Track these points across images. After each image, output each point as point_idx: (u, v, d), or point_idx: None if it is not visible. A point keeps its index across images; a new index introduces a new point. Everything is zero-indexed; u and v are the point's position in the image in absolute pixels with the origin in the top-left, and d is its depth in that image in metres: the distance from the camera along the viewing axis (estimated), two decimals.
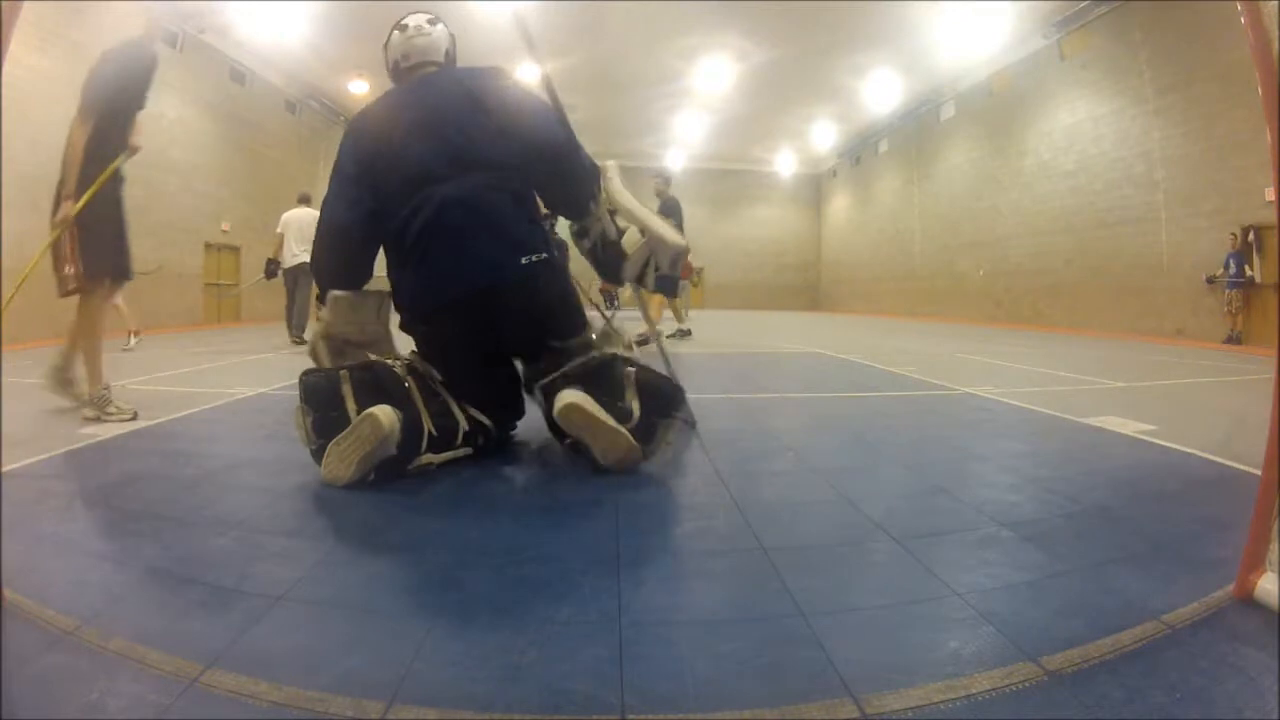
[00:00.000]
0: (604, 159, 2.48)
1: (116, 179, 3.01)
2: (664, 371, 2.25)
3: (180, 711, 0.91)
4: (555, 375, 2.13)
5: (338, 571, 1.40)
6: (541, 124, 2.21)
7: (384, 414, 1.88)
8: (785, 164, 24.82)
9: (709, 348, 7.21)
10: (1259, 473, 1.22)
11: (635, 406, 2.03)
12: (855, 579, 1.39)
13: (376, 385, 2.02)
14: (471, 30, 11.95)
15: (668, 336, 7.40)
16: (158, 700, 0.92)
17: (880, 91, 16.65)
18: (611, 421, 1.97)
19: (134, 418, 2.87)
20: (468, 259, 2.07)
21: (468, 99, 2.18)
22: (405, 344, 2.35)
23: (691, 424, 2.46)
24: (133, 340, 6.78)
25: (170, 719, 0.89)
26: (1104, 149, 11.47)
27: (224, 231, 12.63)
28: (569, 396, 1.97)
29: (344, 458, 1.88)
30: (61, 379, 3.06)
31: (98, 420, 2.83)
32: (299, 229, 7.55)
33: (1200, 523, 1.70)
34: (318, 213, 7.44)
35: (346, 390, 1.99)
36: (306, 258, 7.23)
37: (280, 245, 7.81)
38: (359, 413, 1.90)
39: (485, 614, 1.21)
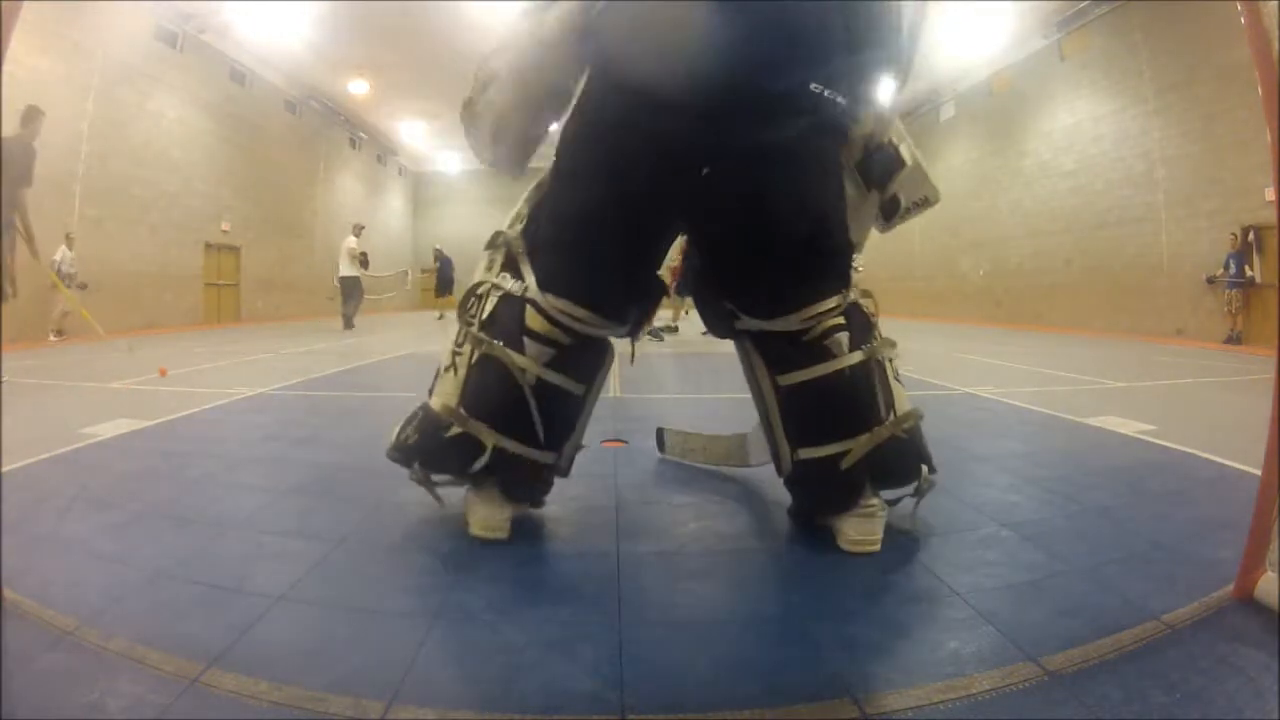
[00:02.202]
0: None
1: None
2: None
3: (180, 711, 0.91)
4: (840, 472, 1.49)
5: (338, 571, 1.40)
6: None
7: (485, 528, 1.56)
8: None
9: (711, 347, 7.20)
10: (1259, 473, 1.22)
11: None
12: (855, 579, 1.39)
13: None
14: (470, 30, 11.95)
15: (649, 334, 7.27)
16: (158, 700, 0.92)
17: (880, 91, 16.63)
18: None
19: None
20: (744, 35, 1.27)
21: None
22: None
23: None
24: (52, 336, 7.98)
25: (170, 719, 0.89)
26: (1104, 149, 11.45)
27: (224, 231, 12.63)
28: (869, 537, 1.49)
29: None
30: None
31: None
32: (346, 251, 10.77)
33: (1200, 523, 1.70)
34: (355, 241, 9.92)
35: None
36: (350, 272, 10.72)
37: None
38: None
39: (485, 614, 1.21)
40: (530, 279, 1.51)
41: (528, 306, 1.49)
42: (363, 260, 10.98)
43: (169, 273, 11.05)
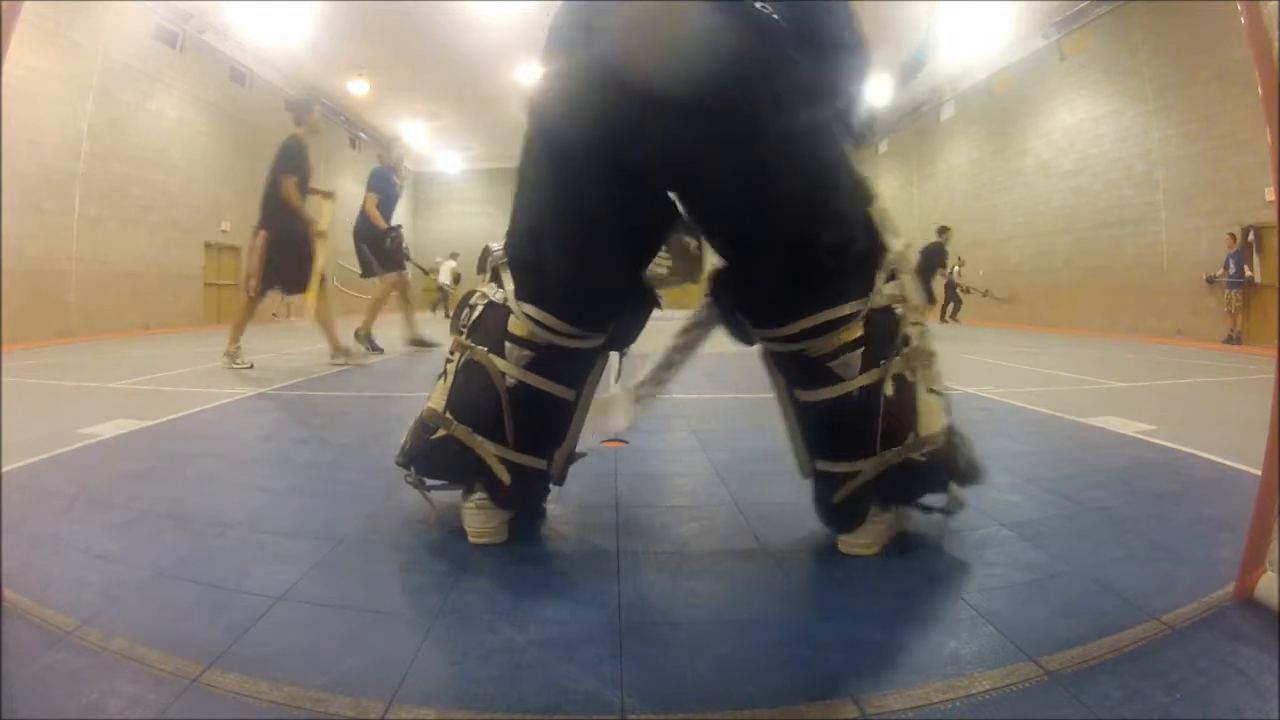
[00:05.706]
0: None
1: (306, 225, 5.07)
2: None
3: (180, 711, 0.91)
4: (853, 476, 1.45)
5: (338, 571, 1.40)
6: None
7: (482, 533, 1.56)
8: None
9: (709, 347, 7.20)
10: (1259, 473, 1.22)
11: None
12: (856, 579, 1.39)
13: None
14: (470, 29, 11.95)
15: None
16: (158, 700, 0.92)
17: (880, 91, 16.63)
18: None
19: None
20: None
21: None
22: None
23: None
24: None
25: (170, 719, 0.89)
26: (1104, 149, 11.45)
27: (224, 231, 12.61)
28: (870, 544, 1.48)
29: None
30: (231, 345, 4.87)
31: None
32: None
33: (1200, 523, 1.70)
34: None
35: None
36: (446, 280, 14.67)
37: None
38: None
39: (485, 614, 1.21)
40: (509, 287, 1.53)
41: (510, 313, 1.51)
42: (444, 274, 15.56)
43: (169, 272, 11.05)
